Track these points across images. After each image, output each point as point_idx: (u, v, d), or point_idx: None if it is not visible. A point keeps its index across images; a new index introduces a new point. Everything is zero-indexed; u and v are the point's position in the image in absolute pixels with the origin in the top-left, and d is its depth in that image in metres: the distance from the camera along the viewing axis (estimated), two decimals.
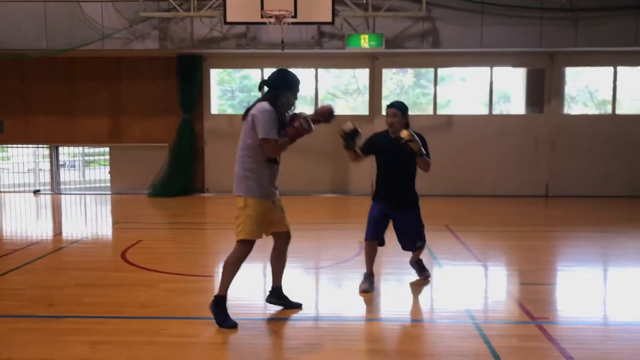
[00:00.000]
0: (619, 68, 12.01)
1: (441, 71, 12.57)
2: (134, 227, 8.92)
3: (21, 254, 6.78)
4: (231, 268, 4.42)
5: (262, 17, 10.06)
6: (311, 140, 12.46)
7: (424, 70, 12.15)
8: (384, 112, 11.98)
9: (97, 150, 14.87)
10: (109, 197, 12.24)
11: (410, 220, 5.39)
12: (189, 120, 12.22)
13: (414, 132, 5.03)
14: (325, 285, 5.80)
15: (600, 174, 12.09)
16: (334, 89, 14.79)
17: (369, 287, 5.32)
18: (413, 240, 5.45)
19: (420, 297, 5.32)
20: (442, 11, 11.18)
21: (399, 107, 5.26)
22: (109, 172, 12.89)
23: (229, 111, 13.84)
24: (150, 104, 12.43)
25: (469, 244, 7.41)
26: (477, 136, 12.16)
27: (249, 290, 5.36)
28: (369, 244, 5.39)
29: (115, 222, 9.44)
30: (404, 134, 4.96)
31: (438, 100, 12.38)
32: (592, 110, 13.23)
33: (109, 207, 11.07)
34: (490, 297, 5.29)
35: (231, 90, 15.14)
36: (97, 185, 13.77)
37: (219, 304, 4.40)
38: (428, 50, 11.41)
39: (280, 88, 4.41)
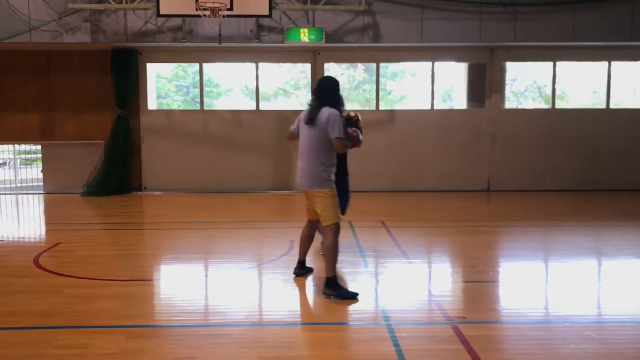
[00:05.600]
0: (558, 63, 12.12)
1: (393, 66, 12.45)
2: (59, 228, 8.49)
3: None
4: (333, 251, 5.06)
5: (196, 9, 9.72)
6: (251, 135, 12.25)
7: (374, 65, 12.05)
8: None
9: (34, 147, 14.23)
10: (41, 197, 11.71)
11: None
12: (125, 116, 11.77)
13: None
14: (236, 288, 5.50)
15: (541, 168, 12.19)
16: (285, 84, 14.58)
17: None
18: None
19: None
20: (382, 5, 11.04)
21: None
22: (42, 171, 12.33)
23: (182, 107, 13.47)
24: (83, 100, 11.92)
25: (400, 240, 7.28)
26: (419, 131, 12.08)
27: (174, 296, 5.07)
28: None
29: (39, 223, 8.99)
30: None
31: (392, 96, 12.26)
32: (537, 105, 13.32)
33: (38, 208, 10.56)
34: (409, 296, 5.13)
35: (186, 86, 14.76)
36: (32, 184, 13.16)
37: (333, 284, 5.02)
38: (369, 44, 11.26)
39: (336, 93, 5.14)
